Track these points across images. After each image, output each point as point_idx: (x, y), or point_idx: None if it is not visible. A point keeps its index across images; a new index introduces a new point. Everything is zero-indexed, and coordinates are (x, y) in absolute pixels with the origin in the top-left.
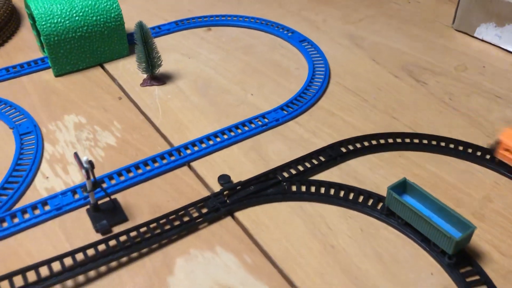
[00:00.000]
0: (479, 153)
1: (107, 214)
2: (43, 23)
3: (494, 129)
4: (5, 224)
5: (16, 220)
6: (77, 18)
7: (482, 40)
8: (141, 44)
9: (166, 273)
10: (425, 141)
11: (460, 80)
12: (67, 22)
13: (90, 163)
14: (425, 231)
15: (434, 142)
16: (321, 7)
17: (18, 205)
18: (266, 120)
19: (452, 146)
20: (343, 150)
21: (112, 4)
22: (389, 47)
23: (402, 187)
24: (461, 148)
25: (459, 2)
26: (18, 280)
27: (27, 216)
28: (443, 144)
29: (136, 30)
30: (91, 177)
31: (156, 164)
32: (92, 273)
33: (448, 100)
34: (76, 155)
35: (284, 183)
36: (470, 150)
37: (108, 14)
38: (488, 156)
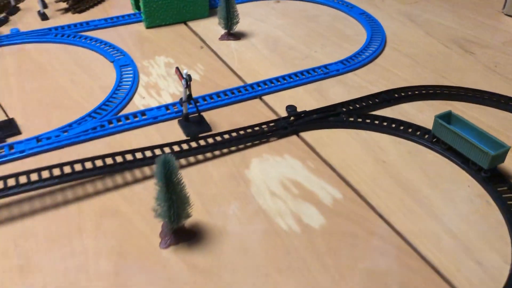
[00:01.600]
0: None
1: (195, 124)
2: None
3: None
4: (111, 125)
5: (120, 123)
6: None
7: None
8: (224, 3)
9: (244, 167)
10: (470, 94)
11: (506, 52)
12: None
13: (189, 76)
14: (465, 151)
15: (478, 95)
16: None
17: (122, 113)
18: (327, 70)
19: (494, 99)
20: (396, 95)
21: None
22: (441, 24)
23: (447, 118)
24: (502, 100)
25: None
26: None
27: (129, 120)
28: (486, 96)
29: None
30: (188, 89)
31: (233, 94)
32: (183, 161)
33: (493, 67)
34: (177, 68)
35: (343, 115)
36: (510, 103)
37: None
38: None
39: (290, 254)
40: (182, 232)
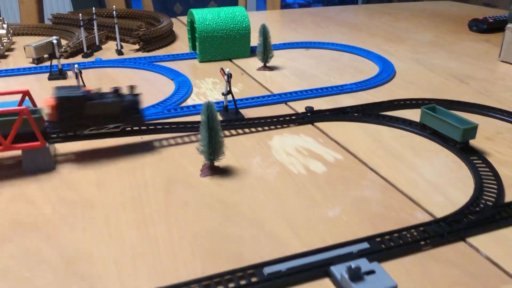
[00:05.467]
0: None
1: (232, 114)
2: (200, 23)
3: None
4: (171, 111)
5: (181, 110)
6: (220, 23)
7: None
8: (262, 40)
9: (267, 139)
10: (458, 105)
11: (496, 83)
12: (214, 25)
13: (230, 73)
14: (444, 130)
15: (467, 106)
16: (394, 44)
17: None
18: (342, 88)
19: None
20: (396, 103)
21: (245, 18)
22: (445, 66)
23: (432, 109)
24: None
25: (504, 38)
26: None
27: (183, 110)
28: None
29: (260, 30)
30: (228, 85)
31: (264, 99)
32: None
33: (483, 92)
34: (221, 69)
35: (350, 112)
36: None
37: (240, 24)
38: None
39: (298, 186)
40: (216, 168)
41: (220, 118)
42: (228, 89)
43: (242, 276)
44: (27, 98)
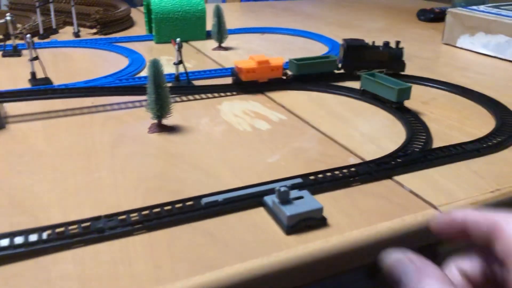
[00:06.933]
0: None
1: (184, 83)
2: (156, 4)
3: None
4: (122, 81)
5: (133, 80)
6: (176, 5)
7: (461, 48)
8: (216, 21)
9: (217, 104)
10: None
11: (437, 61)
12: (170, 6)
13: (180, 43)
14: (381, 92)
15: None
16: (347, 30)
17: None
18: None
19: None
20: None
21: (200, 1)
22: None
23: (372, 75)
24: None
25: (445, 22)
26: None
27: (138, 80)
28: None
29: (215, 10)
30: (179, 54)
31: (215, 72)
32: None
33: (425, 68)
34: (173, 39)
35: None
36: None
37: (196, 6)
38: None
39: (242, 140)
40: (164, 126)
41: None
42: (179, 59)
43: (182, 207)
44: None
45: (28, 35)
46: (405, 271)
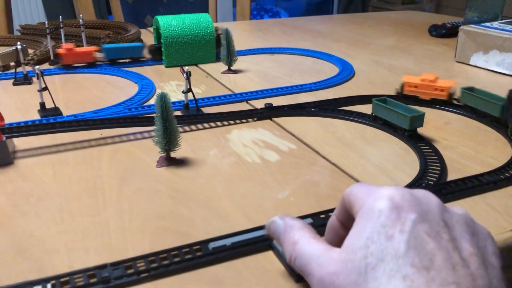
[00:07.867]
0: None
1: (193, 111)
2: (165, 29)
3: None
4: (132, 110)
5: (142, 109)
6: (185, 29)
7: (475, 66)
8: (225, 44)
9: (226, 133)
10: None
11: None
12: (179, 30)
13: (189, 71)
14: (393, 119)
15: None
16: (356, 48)
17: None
18: (302, 87)
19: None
20: (351, 99)
21: (209, 24)
22: (402, 66)
23: (383, 101)
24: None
25: (458, 40)
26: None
27: (148, 108)
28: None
29: (224, 34)
30: (188, 82)
31: (225, 98)
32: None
33: None
34: (181, 67)
35: (307, 108)
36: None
37: (205, 30)
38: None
39: (251, 173)
40: (173, 159)
41: (177, 113)
42: (188, 87)
43: (188, 251)
44: None
45: (37, 66)
46: (278, 227)
